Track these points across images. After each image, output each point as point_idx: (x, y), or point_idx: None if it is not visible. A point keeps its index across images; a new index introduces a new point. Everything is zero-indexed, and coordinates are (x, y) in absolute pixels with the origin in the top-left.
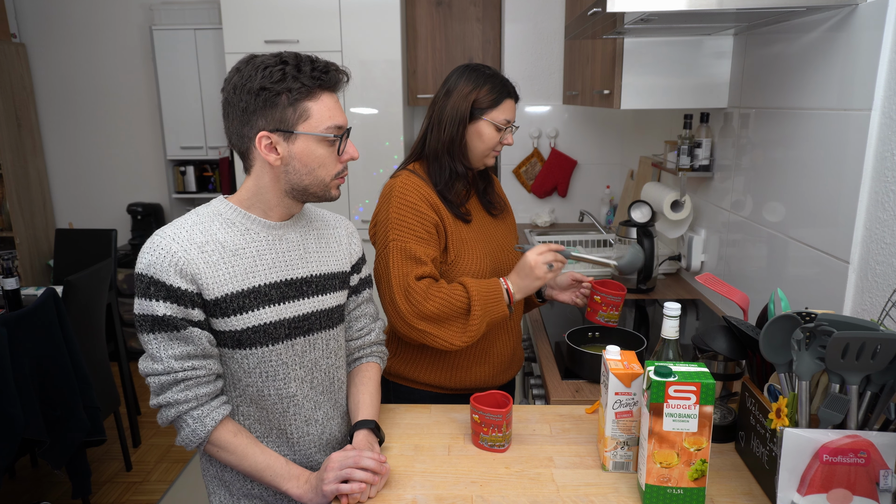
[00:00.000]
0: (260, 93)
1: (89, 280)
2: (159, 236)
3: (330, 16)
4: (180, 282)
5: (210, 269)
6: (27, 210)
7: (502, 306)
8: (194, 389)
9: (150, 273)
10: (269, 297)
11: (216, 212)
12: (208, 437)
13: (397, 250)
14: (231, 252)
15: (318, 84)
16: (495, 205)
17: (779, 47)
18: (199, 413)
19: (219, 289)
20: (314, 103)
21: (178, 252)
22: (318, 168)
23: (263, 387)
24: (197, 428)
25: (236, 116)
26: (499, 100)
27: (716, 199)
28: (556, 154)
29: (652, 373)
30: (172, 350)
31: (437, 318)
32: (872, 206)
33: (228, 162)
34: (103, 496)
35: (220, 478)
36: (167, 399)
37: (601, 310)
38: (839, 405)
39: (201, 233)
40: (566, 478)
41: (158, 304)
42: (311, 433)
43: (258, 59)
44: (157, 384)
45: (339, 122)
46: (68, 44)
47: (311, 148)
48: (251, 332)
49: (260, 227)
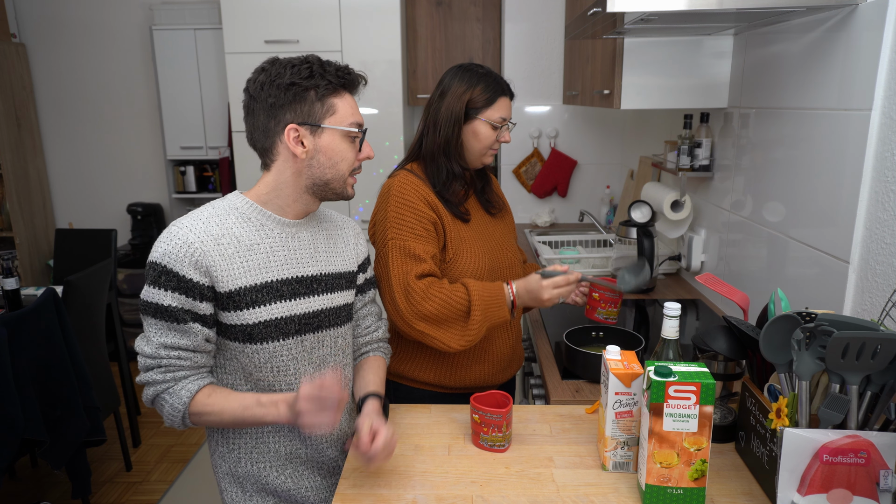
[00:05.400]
0: (290, 88)
1: (89, 280)
2: (177, 227)
3: (330, 16)
4: (194, 273)
5: (225, 262)
6: (27, 210)
7: (504, 311)
8: (173, 372)
9: (164, 262)
10: (281, 292)
11: (232, 206)
12: (187, 409)
13: (396, 249)
14: (246, 247)
15: (341, 83)
16: (494, 204)
17: (779, 47)
18: (173, 389)
19: (232, 282)
20: (339, 100)
21: (195, 243)
22: (340, 162)
23: (274, 381)
24: (175, 402)
25: (263, 111)
26: (493, 98)
27: (716, 199)
28: (556, 154)
29: (652, 373)
30: (166, 338)
31: (436, 319)
32: (872, 206)
33: (228, 162)
34: (103, 496)
35: (233, 474)
36: (147, 378)
37: (600, 307)
38: (839, 405)
39: (217, 226)
40: (566, 478)
41: (166, 295)
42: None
43: (284, 59)
44: (143, 364)
45: (359, 121)
46: (68, 44)
47: (336, 142)
48: (262, 326)
49: (274, 224)
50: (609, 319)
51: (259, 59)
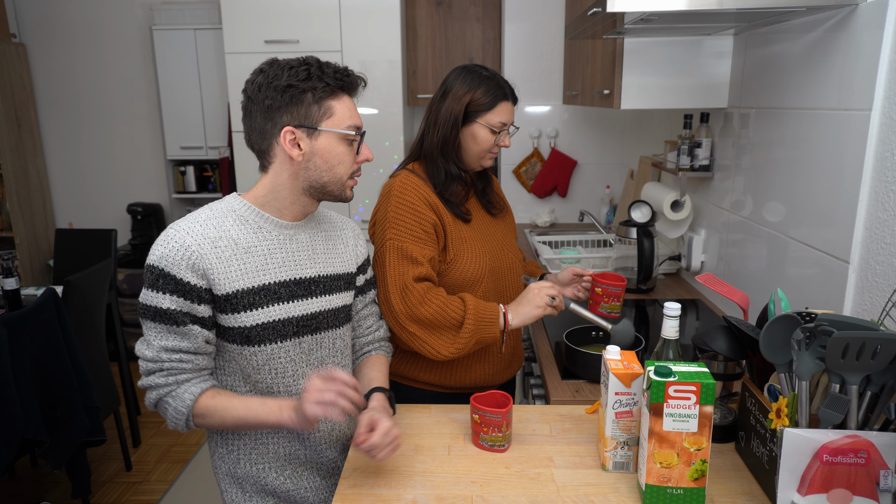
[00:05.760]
0: (286, 90)
1: (89, 280)
2: (174, 230)
3: (330, 16)
4: (191, 276)
5: (222, 265)
6: (27, 210)
7: (495, 329)
8: (176, 376)
9: (161, 265)
10: (279, 295)
11: (230, 208)
12: (191, 412)
13: (393, 249)
14: (243, 249)
15: (340, 85)
16: (494, 204)
17: (779, 47)
18: (177, 392)
19: (229, 285)
20: (337, 102)
21: (191, 246)
22: (337, 165)
23: (273, 383)
24: (178, 406)
25: (259, 113)
26: (493, 102)
27: (716, 199)
28: (556, 154)
29: (652, 373)
30: (166, 342)
31: (429, 324)
32: (872, 206)
33: (228, 162)
34: (103, 496)
35: (233, 475)
36: (149, 382)
37: (603, 301)
38: (839, 405)
39: (215, 228)
40: (566, 478)
41: (164, 298)
42: (321, 430)
43: (282, 61)
44: (144, 368)
45: (357, 123)
46: (68, 44)
47: (333, 145)
48: (260, 328)
49: (272, 227)
50: (613, 313)
51: (259, 59)
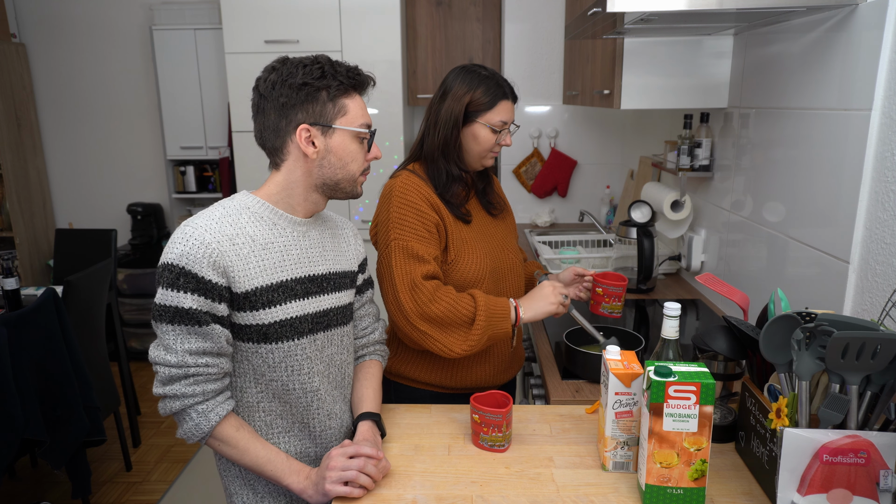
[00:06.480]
0: (302, 87)
1: (89, 280)
2: (191, 227)
3: (330, 16)
4: (212, 274)
5: (241, 262)
6: (27, 210)
7: (506, 323)
8: (203, 385)
9: (181, 264)
10: (295, 291)
11: (244, 205)
12: (211, 432)
13: (399, 249)
14: (261, 246)
15: (352, 83)
16: (495, 205)
17: (779, 47)
18: (203, 408)
19: (249, 282)
20: (350, 101)
21: (212, 243)
22: (350, 163)
23: (288, 381)
24: (200, 422)
25: (274, 110)
26: (493, 102)
27: (716, 199)
28: (556, 154)
29: (652, 373)
30: (189, 344)
31: (440, 322)
32: (872, 206)
33: (228, 162)
34: (103, 496)
35: (244, 478)
36: (173, 391)
37: (604, 301)
38: (839, 405)
39: (231, 225)
40: (566, 478)
41: (186, 297)
42: (332, 426)
43: (294, 59)
44: (167, 375)
45: (368, 122)
46: (68, 44)
47: (346, 143)
48: (278, 325)
49: (286, 223)
50: (614, 313)
51: (259, 58)
